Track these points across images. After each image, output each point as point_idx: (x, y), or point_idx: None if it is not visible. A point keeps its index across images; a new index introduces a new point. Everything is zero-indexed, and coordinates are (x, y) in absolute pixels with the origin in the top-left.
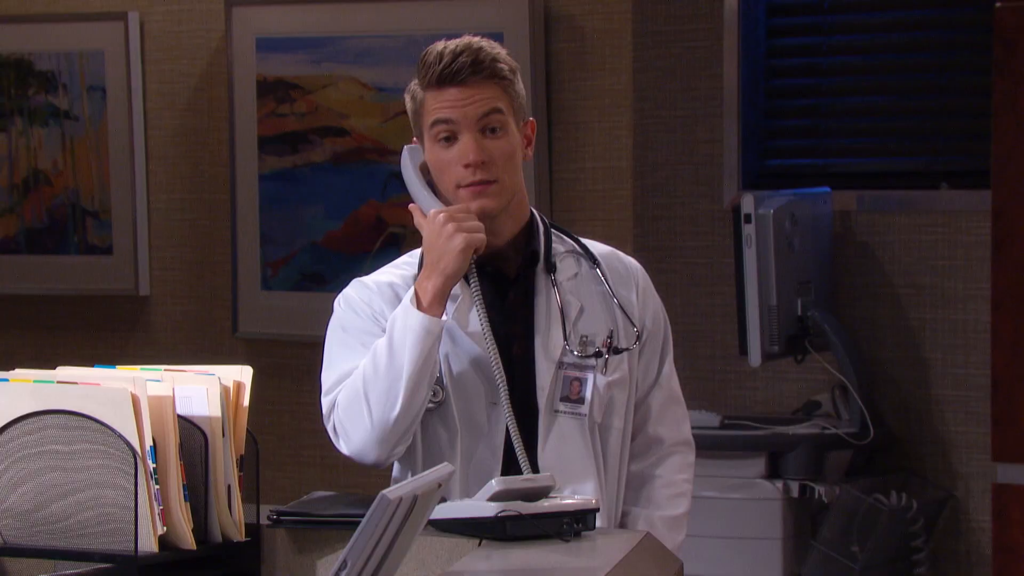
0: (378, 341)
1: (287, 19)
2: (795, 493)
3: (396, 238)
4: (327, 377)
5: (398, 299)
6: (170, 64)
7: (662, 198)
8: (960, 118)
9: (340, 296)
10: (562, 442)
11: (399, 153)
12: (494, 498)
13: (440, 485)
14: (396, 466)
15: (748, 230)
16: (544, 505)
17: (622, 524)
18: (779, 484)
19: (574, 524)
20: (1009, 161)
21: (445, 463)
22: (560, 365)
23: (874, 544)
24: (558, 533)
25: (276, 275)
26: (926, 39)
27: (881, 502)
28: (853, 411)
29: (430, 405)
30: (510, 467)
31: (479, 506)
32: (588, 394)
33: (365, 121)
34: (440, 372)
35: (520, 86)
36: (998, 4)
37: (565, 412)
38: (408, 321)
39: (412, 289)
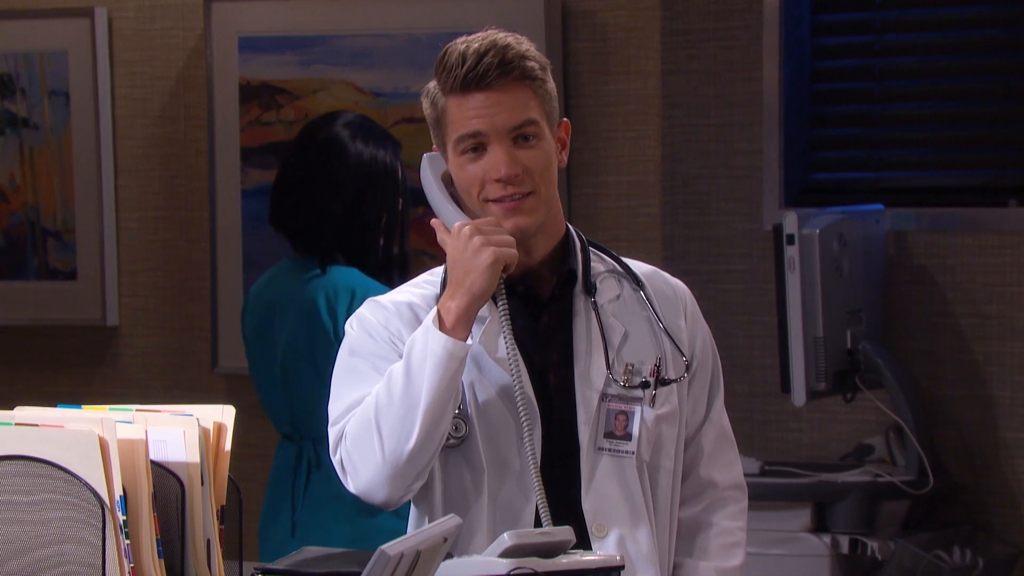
0: (394, 366)
1: (273, 16)
2: (845, 549)
3: None
4: (335, 407)
5: (418, 321)
6: (142, 66)
7: (694, 216)
8: None
9: (352, 318)
10: (609, 483)
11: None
12: (506, 554)
13: (446, 539)
14: (413, 511)
15: (791, 252)
16: (563, 562)
17: None
18: (827, 539)
19: None
20: None
21: (451, 515)
22: (604, 397)
23: None
24: None
25: None
26: (990, 37)
27: (942, 559)
28: (910, 456)
29: (451, 441)
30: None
31: (490, 563)
32: (635, 430)
33: None
34: (464, 404)
35: (551, 84)
36: None
37: (610, 450)
38: (429, 343)
39: (434, 310)
